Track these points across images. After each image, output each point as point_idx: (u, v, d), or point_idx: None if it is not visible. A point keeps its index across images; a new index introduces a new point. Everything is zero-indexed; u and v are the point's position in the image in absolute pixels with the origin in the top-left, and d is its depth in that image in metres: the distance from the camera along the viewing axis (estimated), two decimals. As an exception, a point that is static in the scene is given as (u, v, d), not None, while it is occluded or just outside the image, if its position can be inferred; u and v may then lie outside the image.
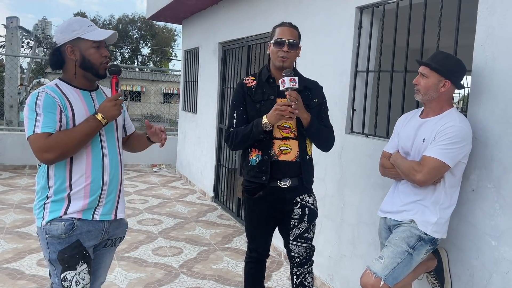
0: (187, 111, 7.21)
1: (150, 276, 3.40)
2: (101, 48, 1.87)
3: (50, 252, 1.80)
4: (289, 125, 2.31)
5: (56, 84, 1.85)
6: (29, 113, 1.74)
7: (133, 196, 5.87)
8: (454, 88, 2.08)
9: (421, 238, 2.05)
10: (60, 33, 1.84)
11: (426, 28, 2.55)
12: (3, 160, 6.90)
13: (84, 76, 1.87)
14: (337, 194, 3.23)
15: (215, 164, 5.76)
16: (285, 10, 3.99)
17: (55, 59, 1.86)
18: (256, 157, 2.33)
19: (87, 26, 1.85)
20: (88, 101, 1.87)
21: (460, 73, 2.06)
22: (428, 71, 2.05)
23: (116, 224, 1.97)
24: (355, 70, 3.11)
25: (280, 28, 2.33)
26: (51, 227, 1.78)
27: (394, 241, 2.07)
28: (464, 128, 1.99)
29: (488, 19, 2.09)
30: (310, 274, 2.45)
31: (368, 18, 3.04)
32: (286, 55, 2.27)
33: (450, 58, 2.06)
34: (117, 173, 1.92)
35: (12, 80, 11.11)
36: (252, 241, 2.53)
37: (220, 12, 5.67)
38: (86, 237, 1.83)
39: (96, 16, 33.29)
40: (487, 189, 2.08)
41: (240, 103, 2.37)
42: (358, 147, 3.03)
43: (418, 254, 2.05)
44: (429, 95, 2.06)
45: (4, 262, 3.46)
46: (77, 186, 1.81)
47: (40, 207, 1.82)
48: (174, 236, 4.38)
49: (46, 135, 1.70)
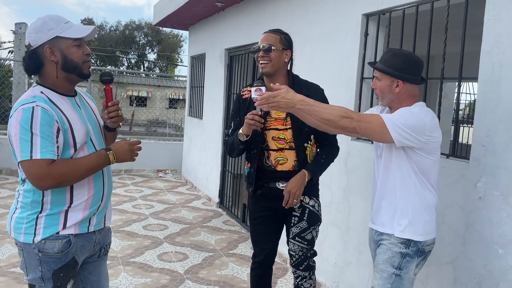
0: (193, 117, 7.23)
1: (155, 282, 3.40)
2: (82, 46, 1.70)
3: (43, 270, 1.66)
4: (283, 136, 2.33)
5: (42, 92, 1.65)
6: (22, 132, 1.54)
7: (138, 201, 5.88)
8: (413, 86, 1.92)
9: (404, 254, 1.90)
10: (35, 33, 1.64)
11: (432, 35, 2.56)
12: (10, 164, 6.98)
13: (67, 79, 1.70)
14: (343, 200, 3.22)
15: (220, 169, 5.77)
16: (291, 17, 4.01)
17: (32, 62, 1.65)
18: (247, 168, 2.44)
19: (63, 23, 1.66)
20: (76, 109, 1.73)
21: (412, 68, 1.90)
22: (379, 73, 1.94)
23: (104, 232, 1.90)
24: (361, 77, 3.12)
25: (262, 36, 2.34)
26: (46, 245, 1.65)
27: (379, 267, 1.95)
28: (417, 110, 1.83)
29: (495, 27, 2.09)
30: (307, 280, 2.40)
31: (374, 25, 3.05)
32: (262, 60, 2.28)
33: (397, 55, 1.92)
34: (111, 182, 1.89)
35: (20, 86, 11.22)
36: (255, 243, 2.53)
37: (226, 19, 5.71)
38: (80, 252, 1.75)
39: (103, 22, 33.65)
40: (494, 197, 2.07)
41: (237, 114, 2.46)
42: (364, 153, 3.03)
43: (407, 272, 1.91)
44: (387, 98, 1.94)
45: (11, 266, 3.49)
46: (79, 198, 1.70)
47: (31, 221, 1.65)
48: (179, 241, 4.39)
49: (47, 162, 1.55)
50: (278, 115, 2.34)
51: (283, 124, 2.34)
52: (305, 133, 2.33)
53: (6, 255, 3.70)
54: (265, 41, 2.29)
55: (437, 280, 2.39)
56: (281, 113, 2.33)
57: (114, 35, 30.76)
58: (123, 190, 6.46)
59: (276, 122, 2.34)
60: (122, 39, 30.96)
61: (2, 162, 6.97)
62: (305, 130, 2.32)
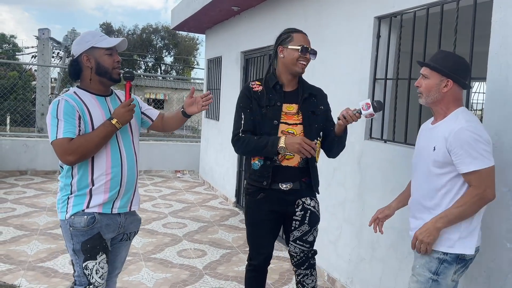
0: (210, 118, 7.38)
1: (175, 277, 3.54)
2: (114, 55, 2.05)
3: (74, 243, 1.98)
4: (293, 131, 2.30)
5: (75, 91, 2.02)
6: (51, 119, 1.91)
7: (158, 201, 6.05)
8: (459, 89, 1.94)
9: (442, 260, 1.87)
10: (76, 45, 2.04)
11: (442, 36, 2.63)
12: (35, 165, 7.23)
13: (100, 81, 2.05)
14: (357, 199, 3.30)
15: (237, 170, 5.89)
16: (305, 20, 4.11)
17: (73, 69, 2.04)
18: (258, 161, 2.33)
19: (99, 36, 2.04)
20: (103, 106, 2.05)
21: (463, 71, 1.93)
22: (429, 71, 1.94)
23: (131, 219, 2.16)
24: (373, 78, 3.19)
25: (300, 35, 2.31)
26: (74, 220, 1.97)
27: (416, 270, 1.95)
28: (474, 125, 1.84)
29: (502, 28, 2.15)
30: (309, 277, 2.43)
31: (386, 27, 3.12)
32: (305, 61, 2.29)
33: (450, 56, 1.95)
34: (133, 169, 2.10)
35: (44, 89, 11.58)
36: (253, 247, 2.49)
37: (242, 23, 5.83)
38: (106, 229, 2.02)
39: (121, 26, 34.21)
40: (502, 193, 2.13)
41: (247, 106, 2.33)
42: (377, 153, 3.10)
43: (444, 277, 1.87)
44: (432, 97, 1.94)
45: (39, 261, 3.66)
46: (98, 182, 1.98)
47: (64, 201, 2.00)
48: (197, 239, 4.52)
49: (68, 140, 1.88)
50: (289, 109, 2.32)
51: (294, 118, 2.32)
52: (314, 129, 2.33)
53: (34, 251, 3.89)
54: (310, 44, 2.33)
55: (448, 275, 2.45)
56: (292, 108, 2.32)
57: (131, 39, 31.25)
58: (143, 190, 6.64)
59: (287, 117, 2.32)
60: (139, 43, 31.43)
61: (27, 163, 7.23)
62: (315, 127, 2.33)
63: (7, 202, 5.50)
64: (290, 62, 2.29)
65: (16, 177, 7.03)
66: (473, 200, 1.82)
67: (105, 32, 31.43)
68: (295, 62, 2.28)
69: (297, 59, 2.27)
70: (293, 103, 2.34)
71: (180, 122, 2.30)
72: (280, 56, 2.34)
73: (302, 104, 2.34)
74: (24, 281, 3.28)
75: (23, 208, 5.25)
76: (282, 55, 2.32)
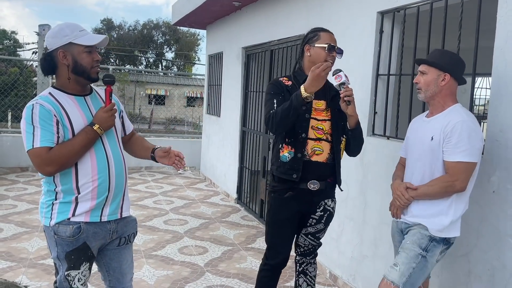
0: (211, 115, 7.36)
1: (176, 274, 3.53)
2: (93, 53, 1.85)
3: (58, 251, 1.85)
4: (322, 126, 2.32)
5: (50, 92, 1.83)
6: (26, 126, 1.74)
7: (159, 197, 6.04)
8: (455, 83, 2.09)
9: (433, 238, 2.04)
10: (51, 38, 1.82)
11: (446, 31, 2.59)
12: (36, 162, 7.24)
13: (77, 81, 1.86)
14: (359, 195, 3.28)
15: (238, 166, 5.87)
16: (307, 15, 4.07)
17: (47, 64, 1.84)
18: (288, 153, 2.29)
19: (78, 31, 1.83)
20: (83, 107, 1.88)
21: (458, 66, 2.08)
22: (427, 67, 2.09)
23: (124, 223, 2.00)
24: (376, 74, 3.16)
25: (327, 34, 2.33)
26: (59, 229, 1.82)
27: (406, 246, 2.06)
28: (473, 121, 2.00)
29: (507, 23, 2.12)
30: (312, 265, 2.56)
31: (389, 22, 3.09)
32: (332, 60, 2.29)
33: (446, 53, 2.11)
34: (121, 171, 1.93)
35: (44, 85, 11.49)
36: (272, 246, 2.46)
37: (243, 18, 5.79)
38: (93, 238, 1.88)
39: (122, 22, 34.14)
40: (508, 190, 2.10)
41: (280, 93, 2.31)
42: (380, 149, 3.08)
43: (432, 255, 2.04)
44: (430, 91, 2.08)
45: (40, 259, 3.66)
46: (85, 189, 1.83)
47: (48, 206, 1.85)
48: (199, 236, 4.51)
49: (46, 150, 1.72)
50: (318, 105, 2.33)
51: (323, 115, 2.34)
52: (341, 127, 2.36)
53: (35, 248, 3.88)
54: (336, 43, 2.34)
55: (451, 273, 2.44)
56: (321, 104, 2.34)
57: (132, 35, 31.17)
58: (144, 187, 6.63)
59: (316, 112, 2.33)
60: (140, 39, 31.34)
61: (29, 159, 7.12)
62: (342, 124, 2.36)
63: (8, 198, 5.51)
64: (318, 59, 2.29)
65: (17, 173, 7.03)
66: (442, 185, 2.01)
67: (106, 28, 31.46)
68: (321, 61, 2.27)
69: (325, 57, 2.29)
70: (321, 99, 2.35)
71: (143, 156, 2.15)
72: (306, 54, 2.36)
73: (330, 101, 2.37)
74: (25, 278, 3.27)
75: (24, 205, 5.25)
76: (309, 53, 2.34)
